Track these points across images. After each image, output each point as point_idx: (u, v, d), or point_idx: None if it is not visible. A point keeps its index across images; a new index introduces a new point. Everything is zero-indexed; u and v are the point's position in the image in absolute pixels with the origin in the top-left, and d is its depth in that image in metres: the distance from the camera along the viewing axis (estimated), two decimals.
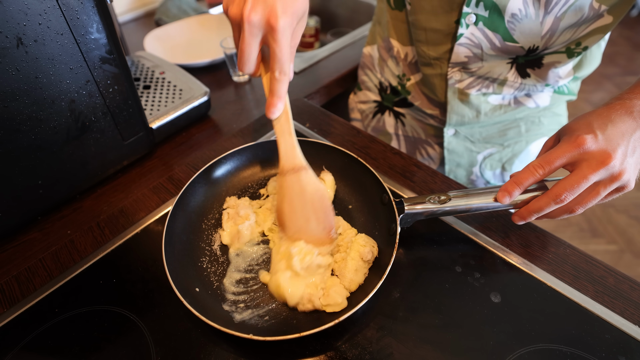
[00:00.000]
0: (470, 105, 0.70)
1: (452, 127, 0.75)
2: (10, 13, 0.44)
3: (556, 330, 0.46)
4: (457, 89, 0.69)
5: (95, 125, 0.59)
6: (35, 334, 0.47)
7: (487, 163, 0.79)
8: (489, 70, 0.65)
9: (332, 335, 0.46)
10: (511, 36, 0.58)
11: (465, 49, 0.62)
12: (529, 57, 0.62)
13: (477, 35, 0.60)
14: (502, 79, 0.67)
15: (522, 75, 0.66)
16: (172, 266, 0.48)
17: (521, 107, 0.72)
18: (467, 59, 0.64)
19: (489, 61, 0.64)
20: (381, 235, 0.53)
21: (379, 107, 0.88)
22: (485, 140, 0.76)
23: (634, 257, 1.68)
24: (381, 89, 0.86)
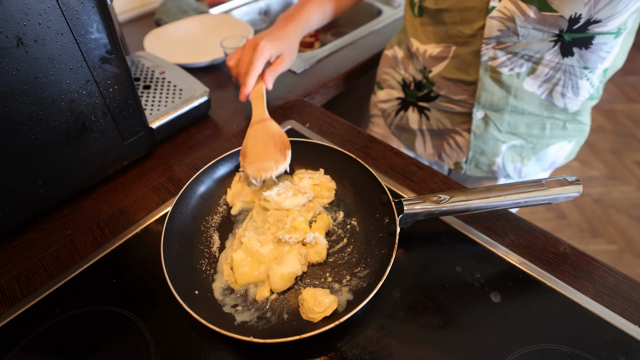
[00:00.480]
0: (501, 84, 0.70)
1: (481, 109, 0.75)
2: (10, 13, 0.44)
3: (556, 330, 0.46)
4: (490, 66, 0.69)
5: (95, 125, 0.59)
6: (35, 334, 0.47)
7: (510, 155, 0.80)
8: (526, 46, 0.64)
9: (332, 336, 0.46)
10: (549, 5, 0.57)
11: (497, 22, 0.63)
12: (576, 34, 0.61)
13: (510, 8, 0.60)
14: (538, 57, 0.66)
15: (564, 54, 0.64)
16: (171, 269, 0.48)
17: (550, 103, 0.72)
18: (500, 33, 0.64)
19: (526, 37, 0.63)
20: (381, 236, 0.53)
21: (402, 104, 0.89)
22: (512, 130, 0.77)
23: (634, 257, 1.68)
24: (404, 85, 0.87)
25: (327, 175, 0.62)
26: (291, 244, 0.53)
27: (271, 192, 0.57)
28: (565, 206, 1.90)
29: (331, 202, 0.61)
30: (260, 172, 0.57)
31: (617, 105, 2.46)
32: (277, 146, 0.60)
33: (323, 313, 0.45)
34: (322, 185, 0.61)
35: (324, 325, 0.42)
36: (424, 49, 0.77)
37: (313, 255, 0.52)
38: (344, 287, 0.50)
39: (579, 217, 1.85)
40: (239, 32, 1.03)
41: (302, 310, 0.47)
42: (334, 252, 0.54)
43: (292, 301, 0.49)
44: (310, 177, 0.61)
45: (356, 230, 0.56)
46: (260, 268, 0.51)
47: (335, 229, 0.57)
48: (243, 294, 0.50)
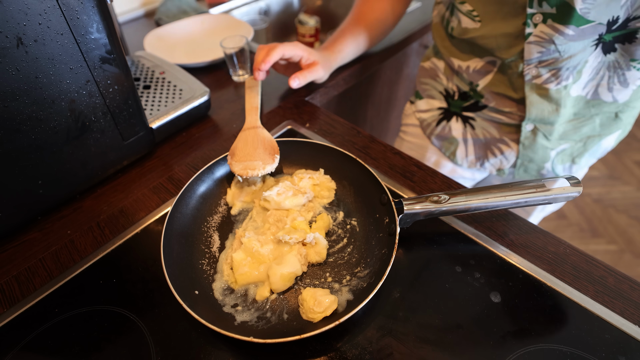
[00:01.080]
0: (550, 99, 0.70)
1: (530, 122, 0.75)
2: (10, 13, 0.44)
3: (556, 330, 0.46)
4: (535, 85, 0.69)
5: (95, 125, 0.59)
6: (35, 334, 0.47)
7: (559, 158, 0.79)
8: (570, 59, 0.64)
9: (332, 336, 0.46)
10: (586, 19, 0.57)
11: (536, 45, 0.63)
12: (616, 32, 0.60)
13: (547, 32, 0.60)
14: (582, 63, 0.65)
15: (605, 52, 0.63)
16: (171, 269, 0.48)
17: (597, 101, 0.70)
18: (540, 54, 0.64)
19: (568, 51, 0.62)
20: (381, 236, 0.53)
21: (445, 114, 0.88)
22: (561, 137, 0.76)
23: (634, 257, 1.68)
24: (448, 95, 0.86)
25: (327, 175, 0.62)
26: (291, 244, 0.53)
27: (271, 192, 0.57)
28: (565, 206, 1.90)
29: (331, 202, 0.61)
30: (247, 169, 0.57)
31: None
32: (267, 150, 0.61)
33: (323, 313, 0.45)
34: (322, 185, 0.61)
35: (324, 325, 0.42)
36: (466, 65, 0.77)
37: (313, 255, 0.53)
38: (344, 287, 0.50)
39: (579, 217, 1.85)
40: (239, 32, 1.03)
41: (302, 310, 0.47)
42: (334, 252, 0.54)
43: (292, 301, 0.49)
44: (310, 177, 0.61)
45: (356, 230, 0.56)
46: (260, 268, 0.51)
47: (335, 229, 0.57)
48: (243, 294, 0.50)
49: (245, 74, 0.91)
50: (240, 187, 0.61)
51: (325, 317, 0.45)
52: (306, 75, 0.75)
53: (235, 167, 0.58)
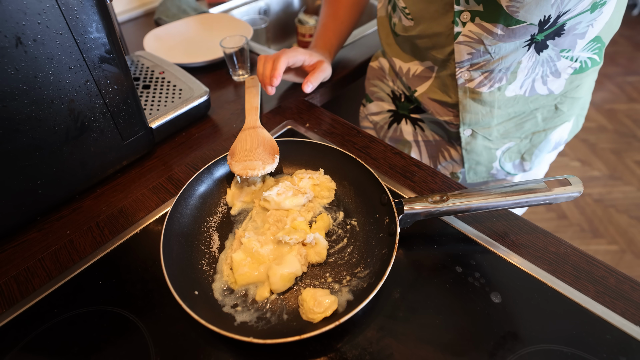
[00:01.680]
0: (483, 102, 0.69)
1: (468, 127, 0.74)
2: (9, 12, 0.44)
3: (557, 331, 0.46)
4: (468, 88, 0.68)
5: (95, 125, 0.59)
6: (35, 334, 0.47)
7: (506, 156, 0.79)
8: (500, 60, 0.63)
9: (332, 336, 0.46)
10: (515, 19, 0.55)
11: (465, 46, 0.62)
12: (547, 31, 0.58)
13: (475, 31, 0.59)
14: (515, 64, 0.64)
15: (538, 51, 0.62)
16: (170, 269, 0.47)
17: (534, 96, 0.70)
18: (470, 55, 0.63)
19: (499, 52, 0.61)
20: (381, 236, 0.52)
21: (395, 116, 0.87)
22: (502, 136, 0.75)
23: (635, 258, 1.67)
24: (395, 97, 0.86)
25: (327, 175, 0.62)
26: (291, 245, 0.52)
27: (271, 192, 0.57)
28: (565, 206, 1.89)
29: (331, 202, 0.60)
30: (246, 169, 0.57)
31: (618, 105, 2.46)
32: (267, 150, 0.61)
33: (323, 313, 0.45)
34: (322, 185, 0.61)
35: (324, 326, 0.42)
36: (407, 67, 0.76)
37: (313, 256, 0.52)
38: (344, 287, 0.50)
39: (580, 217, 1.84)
40: (239, 32, 1.03)
41: (302, 311, 0.47)
42: (334, 252, 0.54)
43: (292, 301, 0.49)
44: (310, 177, 0.61)
45: (356, 230, 0.56)
46: (260, 268, 0.51)
47: (335, 229, 0.57)
48: (243, 295, 0.50)
49: (245, 73, 0.91)
50: (240, 187, 0.61)
51: (325, 318, 0.45)
52: (317, 76, 0.76)
53: (235, 167, 0.58)
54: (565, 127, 0.77)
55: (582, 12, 0.57)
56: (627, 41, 3.00)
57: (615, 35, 0.69)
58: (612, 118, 2.37)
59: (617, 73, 2.72)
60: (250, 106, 0.72)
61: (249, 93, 0.76)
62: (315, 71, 0.76)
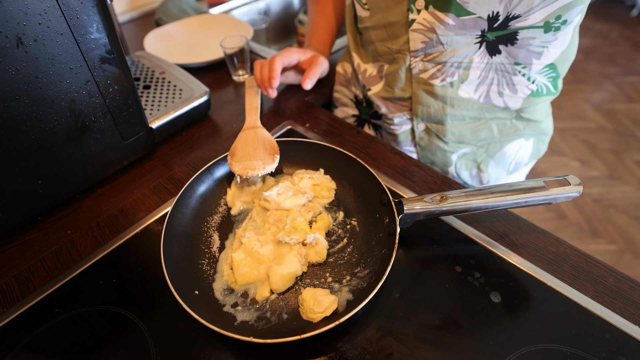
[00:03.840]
0: (436, 96, 0.69)
1: (421, 122, 0.75)
2: (10, 13, 0.44)
3: (556, 330, 0.46)
4: (422, 79, 0.69)
5: (95, 125, 0.59)
6: (35, 334, 0.47)
7: (462, 163, 0.78)
8: (453, 53, 0.64)
9: (332, 336, 0.46)
10: (465, 9, 0.57)
11: (419, 34, 0.63)
12: (498, 31, 0.60)
13: (428, 19, 0.60)
14: (467, 61, 0.65)
15: (491, 53, 0.63)
16: (171, 269, 0.48)
17: (489, 105, 0.70)
18: (424, 44, 0.64)
19: (451, 44, 0.62)
20: (381, 236, 0.53)
21: (359, 121, 0.89)
22: (458, 140, 0.75)
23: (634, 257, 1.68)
24: (357, 102, 0.86)
25: (327, 175, 0.62)
26: (291, 245, 0.53)
27: (271, 192, 0.57)
28: (565, 206, 1.89)
29: (331, 202, 0.61)
30: (247, 169, 0.57)
31: (617, 105, 2.46)
32: (267, 150, 0.61)
33: (323, 313, 0.45)
34: (322, 185, 0.61)
35: (324, 326, 0.42)
36: (364, 67, 0.77)
37: (313, 256, 0.52)
38: (344, 287, 0.50)
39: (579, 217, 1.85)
40: (239, 32, 1.03)
41: (302, 311, 0.47)
42: (334, 252, 0.54)
43: (292, 301, 0.49)
44: (310, 177, 0.61)
45: (356, 230, 0.56)
46: (260, 268, 0.51)
47: (335, 229, 0.57)
48: (243, 294, 0.50)
49: (245, 74, 0.91)
50: (240, 187, 0.61)
51: (325, 317, 0.45)
52: (314, 71, 0.76)
53: (235, 167, 0.58)
54: (521, 143, 0.77)
55: (534, 27, 0.58)
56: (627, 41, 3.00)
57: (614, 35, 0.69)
58: (612, 118, 2.37)
59: (616, 73, 2.72)
60: (251, 106, 0.72)
61: (249, 93, 0.76)
62: (312, 66, 0.76)
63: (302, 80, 0.74)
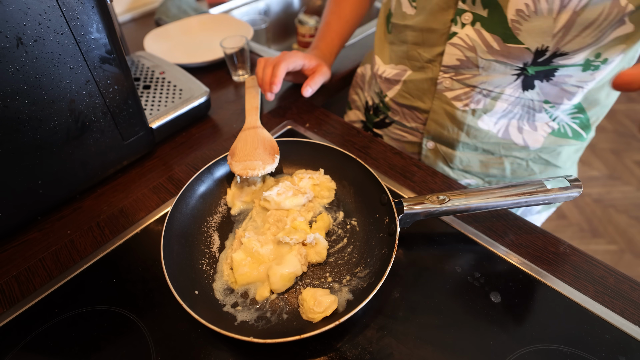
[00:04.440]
0: (454, 119, 0.67)
1: (430, 140, 0.72)
2: (10, 13, 0.44)
3: (556, 330, 0.46)
4: (445, 97, 0.66)
5: (95, 125, 0.59)
6: (35, 334, 0.47)
7: None
8: (486, 80, 0.60)
9: (332, 336, 0.46)
10: (515, 36, 0.54)
11: (457, 50, 0.60)
12: (540, 66, 0.56)
13: (472, 37, 0.57)
14: (498, 92, 0.61)
15: (525, 87, 0.60)
16: (171, 269, 0.48)
17: (508, 141, 0.66)
18: (459, 62, 0.61)
19: (487, 70, 0.59)
20: (381, 236, 0.53)
21: (365, 128, 0.88)
22: (464, 169, 0.71)
23: (634, 257, 1.68)
24: (366, 109, 0.86)
25: (327, 175, 0.62)
26: (291, 245, 0.53)
27: (271, 192, 0.57)
28: (565, 206, 1.89)
29: (331, 202, 0.61)
30: (247, 169, 0.57)
31: (617, 105, 2.46)
32: (267, 150, 0.61)
33: (323, 313, 0.45)
34: (322, 185, 0.61)
35: (324, 325, 0.42)
36: (383, 69, 0.75)
37: (313, 256, 0.52)
38: (344, 287, 0.50)
39: (579, 217, 1.85)
40: (239, 32, 1.03)
41: (302, 310, 0.47)
42: (334, 252, 0.54)
43: (292, 301, 0.49)
44: (310, 177, 0.61)
45: (356, 230, 0.56)
46: (260, 268, 0.51)
47: (335, 229, 0.57)
48: (243, 294, 0.50)
49: (245, 74, 0.91)
50: (240, 187, 0.61)
51: (325, 317, 0.45)
52: (316, 80, 0.74)
53: (235, 167, 0.58)
54: None
55: (575, 65, 0.55)
56: None
57: None
58: (612, 118, 2.37)
59: None
60: (251, 106, 0.72)
61: (249, 93, 0.76)
62: (315, 75, 0.75)
63: (303, 87, 0.73)
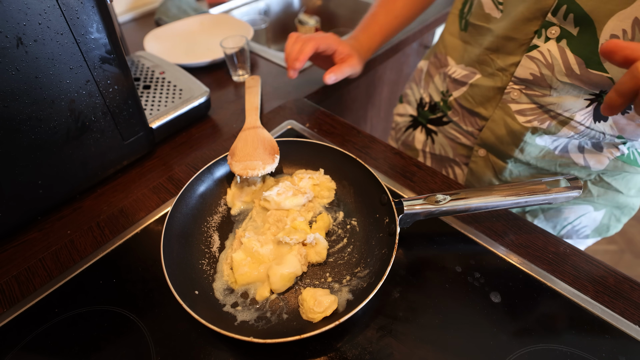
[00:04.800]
0: (511, 132, 0.62)
1: (482, 148, 0.69)
2: (10, 13, 0.44)
3: (556, 330, 0.46)
4: (509, 109, 0.62)
5: (95, 125, 0.59)
6: (35, 334, 0.47)
7: None
8: (556, 102, 0.55)
9: (332, 336, 0.46)
10: (600, 63, 0.49)
11: (534, 64, 0.55)
12: None
13: (553, 53, 0.52)
14: (567, 116, 0.56)
15: (596, 118, 0.55)
16: (171, 269, 0.48)
17: (566, 160, 0.60)
18: (532, 77, 0.56)
19: (559, 91, 0.54)
20: (381, 236, 0.53)
21: (413, 122, 0.86)
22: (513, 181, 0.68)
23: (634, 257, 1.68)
24: (420, 105, 0.84)
25: (327, 175, 0.62)
26: (292, 245, 0.53)
27: (271, 192, 0.57)
28: None
29: (331, 202, 0.61)
30: (247, 169, 0.57)
31: None
32: (267, 150, 0.61)
33: (323, 313, 0.45)
34: (322, 185, 0.61)
35: (324, 325, 0.42)
36: (454, 69, 0.70)
37: (313, 256, 0.52)
38: (344, 287, 0.50)
39: None
40: (239, 32, 1.03)
41: (302, 310, 0.47)
42: (334, 252, 0.54)
43: (292, 301, 0.49)
44: (310, 177, 0.61)
45: (356, 230, 0.56)
46: (260, 268, 0.51)
47: (335, 229, 0.57)
48: (243, 294, 0.50)
49: (245, 74, 0.91)
50: (240, 187, 0.61)
51: (325, 317, 0.45)
52: (343, 69, 0.71)
53: (235, 167, 0.58)
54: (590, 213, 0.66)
55: None
56: None
57: None
58: None
59: None
60: (251, 106, 0.72)
61: (249, 93, 0.76)
62: (344, 64, 0.71)
63: (326, 73, 0.70)
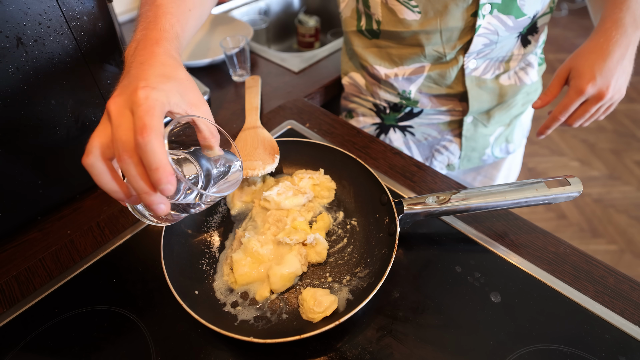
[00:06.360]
0: (488, 90, 0.74)
1: (470, 115, 0.77)
2: (10, 13, 0.44)
3: (556, 330, 0.46)
4: (475, 77, 0.72)
5: (96, 125, 0.59)
6: (35, 334, 0.47)
7: (497, 141, 0.83)
8: (500, 49, 0.70)
9: (332, 336, 0.46)
10: (522, 11, 0.63)
11: (483, 38, 0.66)
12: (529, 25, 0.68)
13: (493, 23, 0.64)
14: (509, 55, 0.72)
15: (524, 45, 0.72)
16: (171, 269, 0.48)
17: (522, 84, 0.78)
18: (483, 46, 0.67)
19: (501, 42, 0.68)
20: (381, 236, 0.53)
21: (381, 128, 0.86)
22: (495, 122, 0.80)
23: (634, 257, 1.68)
24: (379, 111, 0.84)
25: (327, 175, 0.62)
26: (292, 245, 0.53)
27: (271, 192, 0.57)
28: (565, 206, 1.89)
29: (331, 202, 0.61)
30: (246, 169, 0.57)
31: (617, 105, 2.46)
32: (267, 150, 0.61)
33: (323, 313, 0.45)
34: (322, 185, 0.61)
35: (324, 325, 0.42)
36: (393, 73, 0.75)
37: (313, 256, 0.52)
38: (344, 287, 0.50)
39: (579, 217, 1.84)
40: (239, 32, 1.03)
41: (302, 310, 0.47)
42: (334, 252, 0.54)
43: (292, 301, 0.49)
44: (310, 177, 0.61)
45: (356, 230, 0.56)
46: (260, 268, 0.51)
47: (335, 229, 0.57)
48: (243, 294, 0.50)
49: (245, 74, 0.91)
50: (240, 187, 0.61)
51: (325, 317, 0.45)
52: None
53: None
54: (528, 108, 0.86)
55: (546, 13, 0.68)
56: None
57: None
58: (612, 118, 2.37)
59: None
60: (251, 106, 0.72)
61: (249, 93, 0.76)
62: None
63: None
